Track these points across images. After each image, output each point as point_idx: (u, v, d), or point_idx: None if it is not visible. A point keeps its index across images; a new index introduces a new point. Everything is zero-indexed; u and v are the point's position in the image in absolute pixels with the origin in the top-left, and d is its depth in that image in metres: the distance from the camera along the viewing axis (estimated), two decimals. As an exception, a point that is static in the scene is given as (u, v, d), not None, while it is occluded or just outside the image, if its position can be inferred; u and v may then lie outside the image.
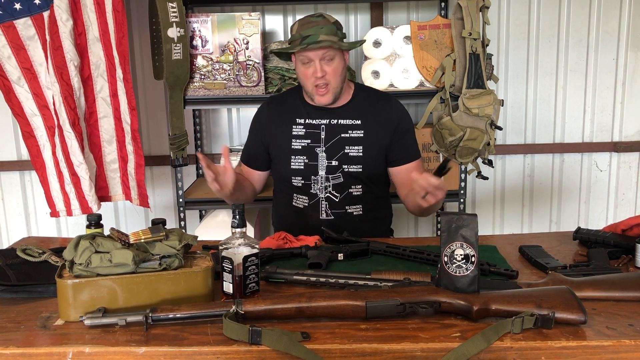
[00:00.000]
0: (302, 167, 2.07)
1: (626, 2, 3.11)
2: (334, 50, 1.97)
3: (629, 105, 3.23)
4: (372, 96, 2.15)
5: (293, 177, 2.09)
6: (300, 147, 2.08)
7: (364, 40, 2.63)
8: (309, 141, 2.07)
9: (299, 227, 1.99)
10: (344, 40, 2.05)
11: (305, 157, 2.07)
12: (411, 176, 1.72)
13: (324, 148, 2.06)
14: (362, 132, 2.06)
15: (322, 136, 2.06)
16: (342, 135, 2.06)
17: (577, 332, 1.21)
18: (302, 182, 2.09)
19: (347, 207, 2.09)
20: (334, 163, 2.06)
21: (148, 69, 2.99)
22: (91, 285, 1.28)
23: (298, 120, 2.09)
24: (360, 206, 2.10)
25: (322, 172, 2.06)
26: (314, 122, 2.08)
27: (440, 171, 1.69)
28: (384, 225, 2.25)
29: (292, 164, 2.08)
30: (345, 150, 2.06)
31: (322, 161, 2.06)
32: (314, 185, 2.08)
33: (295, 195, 2.12)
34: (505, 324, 1.19)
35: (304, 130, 2.08)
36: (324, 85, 1.98)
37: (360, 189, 2.09)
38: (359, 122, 2.07)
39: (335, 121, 2.07)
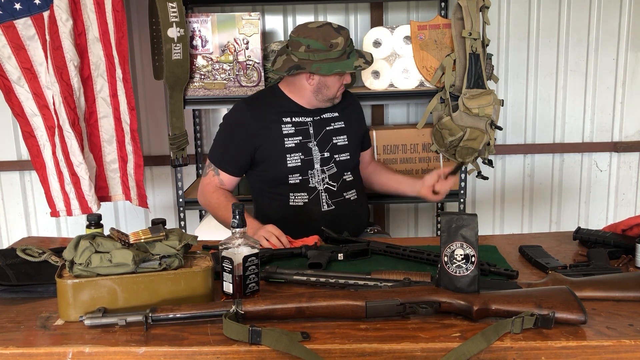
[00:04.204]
0: (299, 164, 2.11)
1: (626, 2, 3.11)
2: None
3: (629, 105, 3.22)
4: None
5: (290, 175, 2.11)
6: (293, 144, 2.12)
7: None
8: (300, 138, 2.13)
9: (300, 225, 1.99)
10: None
11: (300, 154, 2.12)
12: (431, 182, 2.12)
13: (315, 142, 2.14)
14: (342, 123, 2.21)
15: (311, 131, 2.15)
16: (327, 128, 2.18)
17: (577, 332, 1.21)
18: (300, 178, 2.12)
19: (344, 194, 2.17)
20: (326, 154, 2.15)
21: (148, 69, 2.99)
22: (91, 285, 1.28)
23: (285, 120, 2.14)
24: (354, 190, 2.21)
25: (317, 165, 2.14)
26: (301, 119, 2.16)
27: (455, 172, 2.08)
28: (367, 207, 2.38)
29: (288, 162, 2.11)
30: (334, 141, 2.17)
31: (316, 154, 2.14)
32: (311, 180, 2.13)
33: (292, 194, 2.13)
34: (505, 324, 1.19)
35: (294, 128, 2.14)
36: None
37: (351, 175, 2.21)
38: (337, 114, 2.21)
39: (319, 117, 2.18)
